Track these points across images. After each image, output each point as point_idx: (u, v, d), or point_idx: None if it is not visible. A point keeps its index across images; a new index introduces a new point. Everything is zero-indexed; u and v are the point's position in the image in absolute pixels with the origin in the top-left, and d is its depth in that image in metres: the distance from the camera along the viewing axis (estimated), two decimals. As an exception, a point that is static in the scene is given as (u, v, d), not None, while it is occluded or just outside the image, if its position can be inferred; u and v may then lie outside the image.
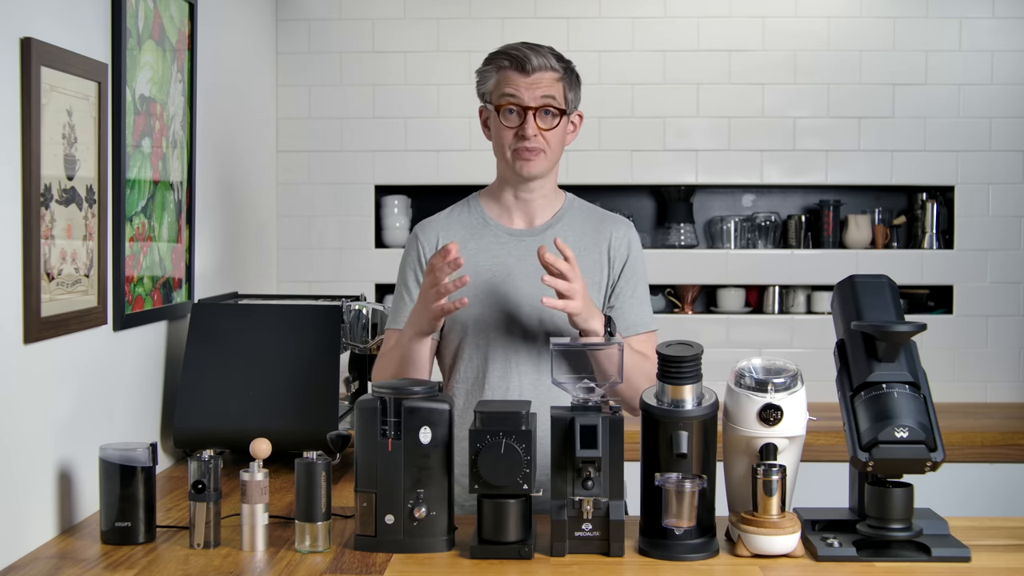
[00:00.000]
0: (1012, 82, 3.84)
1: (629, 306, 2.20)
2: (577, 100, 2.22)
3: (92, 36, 2.22)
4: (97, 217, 2.23)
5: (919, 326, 1.77)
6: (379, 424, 1.82)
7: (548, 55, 2.15)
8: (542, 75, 2.13)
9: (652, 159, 3.88)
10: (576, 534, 1.81)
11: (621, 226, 2.26)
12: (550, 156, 2.17)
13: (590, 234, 2.23)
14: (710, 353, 1.99)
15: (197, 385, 2.60)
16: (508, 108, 2.14)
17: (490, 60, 2.19)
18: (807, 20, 3.86)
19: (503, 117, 2.15)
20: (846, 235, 3.92)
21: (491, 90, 2.18)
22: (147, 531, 1.92)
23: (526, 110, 2.12)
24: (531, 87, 2.13)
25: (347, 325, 2.72)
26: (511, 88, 2.13)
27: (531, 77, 2.13)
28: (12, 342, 1.90)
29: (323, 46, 3.88)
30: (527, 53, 2.13)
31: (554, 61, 2.15)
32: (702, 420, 1.80)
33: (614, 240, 2.23)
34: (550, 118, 2.14)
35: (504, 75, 2.15)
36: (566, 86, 2.17)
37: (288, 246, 3.91)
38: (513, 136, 2.14)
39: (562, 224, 2.23)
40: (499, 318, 2.17)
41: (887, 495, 1.79)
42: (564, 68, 2.17)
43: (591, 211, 2.29)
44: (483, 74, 2.20)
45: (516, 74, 2.13)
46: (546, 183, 2.23)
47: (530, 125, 2.12)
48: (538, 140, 2.13)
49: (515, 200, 2.23)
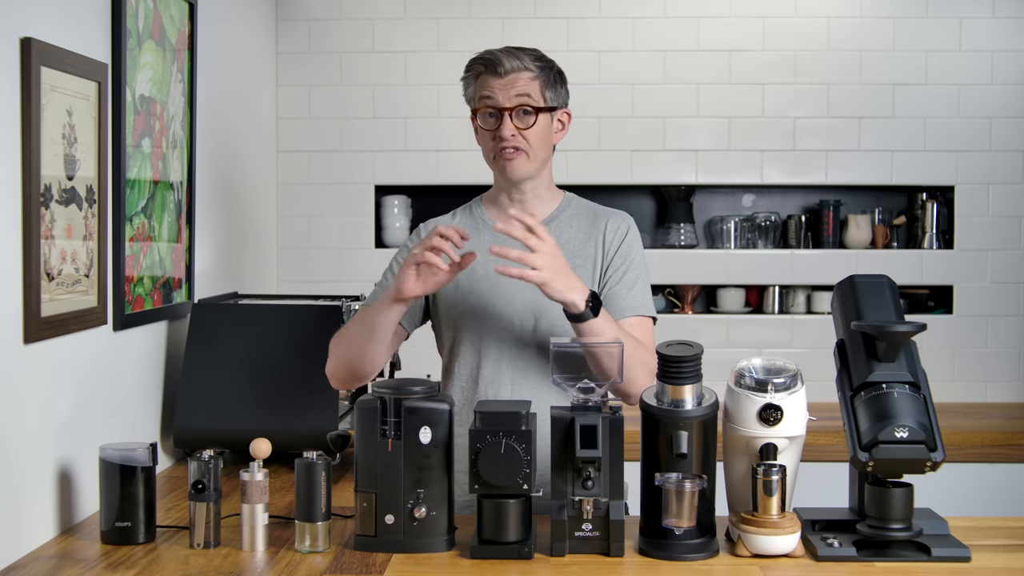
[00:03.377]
0: (1012, 82, 3.84)
1: (617, 291, 2.18)
2: (560, 98, 2.21)
3: (92, 36, 2.22)
4: (97, 217, 2.23)
5: (919, 326, 1.77)
6: (379, 424, 1.82)
7: (523, 56, 2.16)
8: (516, 76, 2.14)
9: (652, 159, 3.88)
10: (576, 534, 1.81)
11: (616, 218, 2.26)
12: (533, 156, 2.17)
13: (586, 230, 2.23)
14: (710, 353, 1.99)
15: (197, 385, 2.60)
16: (486, 111, 2.16)
17: (469, 67, 2.21)
18: (807, 20, 3.86)
19: (481, 120, 2.17)
20: (846, 235, 3.92)
21: (472, 96, 2.21)
22: (147, 531, 1.92)
23: (502, 111, 2.14)
24: (505, 88, 2.14)
25: (347, 325, 2.72)
26: (487, 91, 2.15)
27: (505, 79, 2.14)
28: (12, 342, 1.90)
29: (323, 46, 3.88)
30: (499, 56, 2.15)
31: (529, 61, 2.16)
32: (702, 420, 1.80)
33: (608, 231, 2.22)
34: (527, 117, 2.14)
35: (481, 80, 2.17)
36: (543, 84, 2.17)
37: (288, 246, 3.91)
38: (491, 138, 2.16)
39: (558, 222, 2.23)
40: (493, 316, 2.17)
41: (887, 495, 1.79)
42: (540, 67, 2.17)
43: (589, 208, 2.29)
44: (465, 81, 2.23)
45: (491, 77, 2.15)
46: (538, 184, 2.23)
47: (506, 126, 2.13)
48: (516, 139, 2.14)
49: (509, 201, 2.24)
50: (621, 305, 2.17)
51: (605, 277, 2.20)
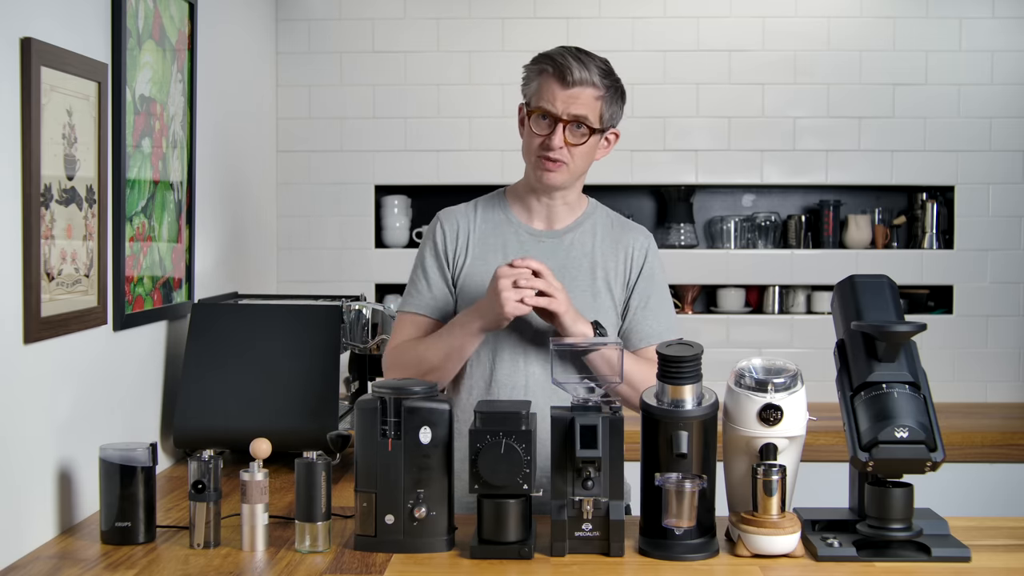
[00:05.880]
0: (1012, 82, 3.84)
1: (642, 317, 2.20)
2: (616, 117, 2.18)
3: (92, 36, 2.22)
4: (97, 217, 2.23)
5: (919, 326, 1.77)
6: (379, 424, 1.82)
7: (592, 68, 2.09)
8: (582, 90, 2.08)
9: (652, 159, 3.88)
10: (576, 534, 1.81)
11: (640, 236, 2.26)
12: (573, 170, 2.15)
13: (609, 243, 2.23)
14: (710, 353, 1.99)
15: (197, 385, 2.60)
16: (540, 115, 2.11)
17: (536, 61, 2.14)
18: (807, 20, 3.86)
19: (534, 123, 2.12)
20: (846, 235, 3.92)
21: (532, 93, 2.15)
22: (147, 531, 1.92)
23: (557, 121, 2.10)
24: (567, 100, 2.09)
25: (347, 325, 2.72)
26: (548, 96, 2.09)
27: (570, 90, 2.08)
28: (12, 342, 1.90)
29: (323, 46, 3.88)
30: (571, 63, 2.07)
31: (598, 77, 2.09)
32: (702, 420, 1.80)
33: (633, 250, 2.23)
34: (580, 134, 2.11)
35: (545, 80, 2.11)
36: (604, 104, 2.12)
37: (288, 246, 3.91)
38: (539, 144, 2.12)
39: (583, 229, 2.23)
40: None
41: (887, 495, 1.79)
42: (607, 86, 2.11)
43: (613, 218, 2.29)
44: (528, 74, 2.17)
45: (556, 83, 2.09)
46: (569, 192, 2.22)
47: (557, 136, 2.09)
48: (563, 153, 2.11)
49: (538, 203, 2.23)
50: (647, 332, 2.18)
51: (628, 299, 2.21)
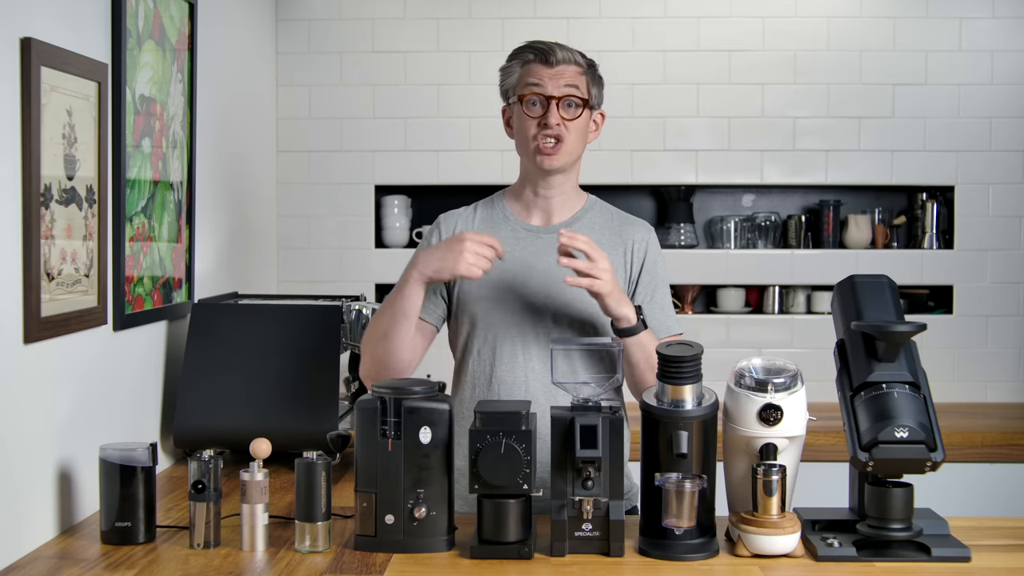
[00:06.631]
0: (1012, 82, 3.84)
1: (650, 310, 2.20)
2: (600, 98, 2.26)
3: (92, 36, 2.22)
4: (97, 217, 2.23)
5: (919, 326, 1.77)
6: (379, 424, 1.82)
7: (573, 51, 2.20)
8: (566, 67, 2.17)
9: (652, 159, 3.88)
10: (576, 534, 1.81)
11: (641, 229, 2.27)
12: (570, 149, 2.18)
13: (610, 236, 2.23)
14: (710, 353, 1.99)
15: (197, 385, 2.60)
16: (531, 99, 2.16)
17: (514, 55, 2.22)
18: (807, 20, 3.86)
19: (526, 107, 2.17)
20: (846, 235, 3.92)
21: (515, 83, 2.21)
22: (147, 531, 1.92)
23: (549, 99, 2.15)
24: (555, 78, 2.16)
25: (347, 325, 2.72)
26: (535, 79, 2.17)
27: (555, 68, 2.17)
28: (12, 342, 1.90)
29: (323, 46, 3.88)
30: (552, 46, 2.18)
31: (579, 56, 2.21)
32: (702, 420, 1.80)
33: (634, 242, 2.24)
34: (573, 109, 2.17)
35: (529, 68, 2.19)
36: (589, 80, 2.21)
37: (288, 246, 3.91)
38: (536, 126, 2.16)
39: (581, 223, 2.23)
40: (511, 313, 2.17)
41: (887, 495, 1.79)
42: (588, 64, 2.22)
43: (612, 213, 2.29)
44: (507, 69, 2.23)
45: (540, 66, 2.17)
46: (567, 181, 2.24)
47: (553, 114, 2.14)
48: (560, 129, 2.15)
49: (535, 197, 2.24)
50: (656, 326, 2.19)
51: (632, 292, 2.22)
